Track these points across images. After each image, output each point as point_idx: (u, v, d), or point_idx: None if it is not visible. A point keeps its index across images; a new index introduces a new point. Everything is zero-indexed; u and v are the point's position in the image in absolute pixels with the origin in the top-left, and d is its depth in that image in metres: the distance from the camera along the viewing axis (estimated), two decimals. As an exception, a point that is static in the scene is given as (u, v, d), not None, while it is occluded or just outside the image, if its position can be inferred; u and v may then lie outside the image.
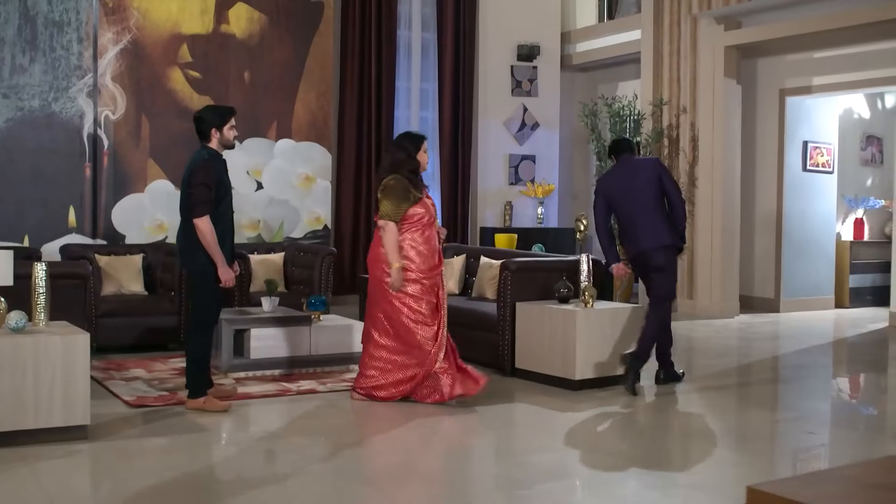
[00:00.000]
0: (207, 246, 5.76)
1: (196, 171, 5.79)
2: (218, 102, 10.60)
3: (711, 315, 10.63)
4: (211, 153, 5.87)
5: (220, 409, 5.83)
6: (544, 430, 5.65)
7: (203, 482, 4.53)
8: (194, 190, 5.75)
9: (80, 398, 5.13)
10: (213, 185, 5.78)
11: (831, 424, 6.09)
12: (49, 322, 5.36)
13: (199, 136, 5.93)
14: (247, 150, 10.80)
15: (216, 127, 5.88)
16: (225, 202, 5.92)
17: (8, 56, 9.68)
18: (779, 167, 11.19)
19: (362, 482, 4.55)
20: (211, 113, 5.98)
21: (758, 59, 11.25)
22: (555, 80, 12.63)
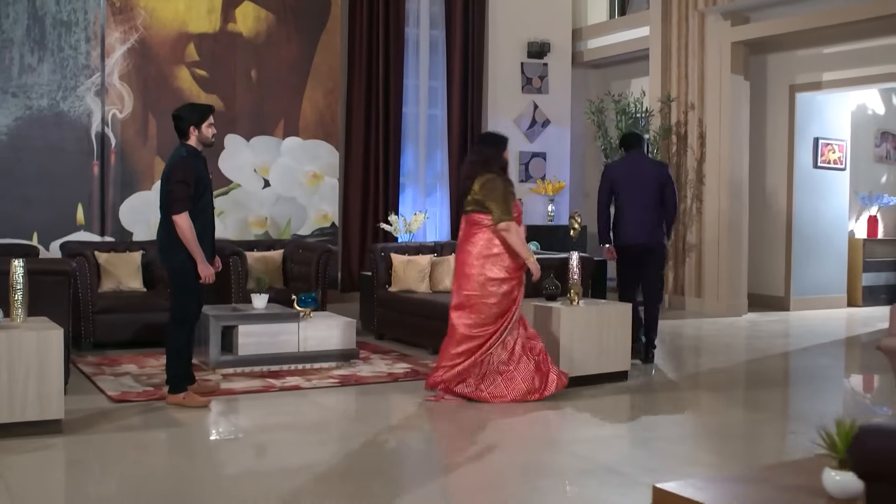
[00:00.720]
0: (187, 242, 5.82)
1: (174, 169, 5.85)
2: (225, 101, 10.74)
3: (719, 313, 10.55)
4: (190, 150, 5.93)
5: (199, 405, 5.89)
6: (500, 430, 5.63)
7: (168, 477, 4.57)
8: (173, 187, 5.81)
9: (55, 393, 5.19)
10: (192, 182, 5.83)
11: (814, 425, 6.01)
12: (28, 318, 5.43)
13: (178, 133, 6.00)
14: (254, 148, 10.88)
15: (195, 125, 5.93)
16: (204, 199, 5.97)
17: (17, 56, 9.82)
18: (789, 164, 11.07)
19: (335, 477, 4.57)
20: (189, 111, 6.05)
21: (768, 55, 11.13)
22: (566, 77, 12.58)
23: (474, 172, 6.14)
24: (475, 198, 6.10)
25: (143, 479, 4.46)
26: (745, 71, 10.59)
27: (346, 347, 7.29)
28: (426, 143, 11.97)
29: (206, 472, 4.67)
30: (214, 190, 10.53)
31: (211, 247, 6.05)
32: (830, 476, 2.63)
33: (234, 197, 10.77)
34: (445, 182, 11.95)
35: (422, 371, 7.11)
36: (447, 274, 8.46)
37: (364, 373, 7.02)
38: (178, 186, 5.80)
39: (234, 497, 4.24)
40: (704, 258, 10.80)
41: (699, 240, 10.84)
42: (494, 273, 6.10)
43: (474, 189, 6.09)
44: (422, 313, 8.00)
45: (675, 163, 11.09)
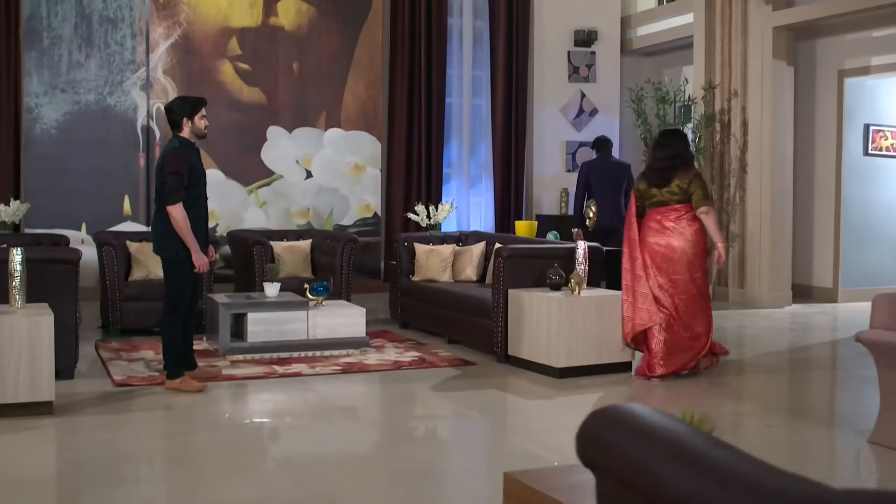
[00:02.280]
0: (180, 232, 5.95)
1: (167, 160, 5.99)
2: (268, 94, 10.97)
3: (762, 304, 10.32)
4: (182, 142, 6.07)
5: (195, 390, 6.06)
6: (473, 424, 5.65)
7: (138, 457, 4.74)
8: (166, 178, 5.93)
9: (46, 376, 5.41)
10: (185, 172, 5.95)
11: (801, 419, 5.87)
12: (27, 305, 5.67)
13: (171, 126, 6.14)
14: (296, 140, 11.08)
15: (187, 116, 6.05)
16: (197, 189, 6.08)
17: (65, 53, 10.20)
18: (837, 152, 10.75)
19: (293, 466, 4.67)
20: (181, 103, 6.16)
21: (816, 39, 10.82)
22: (614, 65, 12.45)
23: (675, 166, 6.67)
24: (681, 188, 6.59)
25: (107, 460, 4.63)
26: (787, 56, 10.31)
27: (355, 336, 7.39)
28: (470, 134, 11.99)
29: (171, 454, 4.82)
30: (258, 180, 10.89)
31: (204, 236, 6.17)
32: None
33: (276, 188, 10.99)
34: (490, 172, 11.95)
35: (428, 359, 7.18)
36: (469, 263, 8.50)
37: (370, 361, 7.11)
38: (171, 177, 5.93)
39: (180, 478, 4.37)
40: (748, 248, 10.58)
41: (742, 230, 10.62)
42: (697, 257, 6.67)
43: (680, 183, 6.60)
44: (439, 302, 8.06)
45: (718, 151, 10.88)
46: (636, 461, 1.57)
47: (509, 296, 7.02)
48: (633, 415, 1.71)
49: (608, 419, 1.73)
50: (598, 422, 1.77)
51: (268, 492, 4.20)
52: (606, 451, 1.68)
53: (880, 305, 5.08)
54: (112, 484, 4.28)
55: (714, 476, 1.40)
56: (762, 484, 1.34)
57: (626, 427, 1.67)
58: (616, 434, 1.67)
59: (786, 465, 1.44)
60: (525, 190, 12.12)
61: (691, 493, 1.40)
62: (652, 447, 1.56)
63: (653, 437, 1.59)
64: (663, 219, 6.63)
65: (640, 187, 6.79)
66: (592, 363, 6.67)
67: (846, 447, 5.08)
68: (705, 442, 1.54)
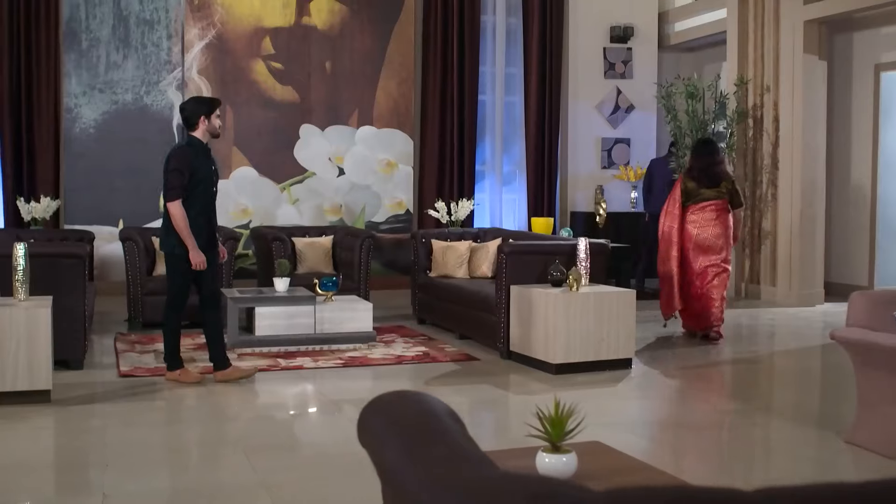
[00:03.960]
0: (178, 229, 6.07)
1: (170, 158, 6.13)
2: (300, 93, 11.15)
3: (792, 303, 10.16)
4: (192, 141, 6.15)
5: (193, 381, 6.23)
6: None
7: (119, 445, 4.91)
8: (167, 176, 6.08)
9: (43, 365, 5.63)
10: (187, 170, 6.05)
11: (786, 418, 5.80)
12: (31, 297, 5.89)
13: (186, 125, 6.22)
14: (328, 138, 11.24)
15: (204, 115, 6.13)
16: (201, 188, 6.15)
17: (103, 54, 10.52)
18: (874, 147, 10.52)
19: (254, 454, 4.80)
20: (197, 103, 6.26)
21: (853, 33, 10.61)
22: (651, 61, 12.36)
23: (724, 170, 8.23)
24: (728, 188, 8.05)
25: (85, 447, 4.82)
26: (820, 50, 10.13)
27: (362, 330, 7.50)
28: (504, 131, 12.02)
29: (147, 441, 4.98)
30: (291, 178, 11.09)
31: (210, 236, 6.26)
32: (542, 459, 2.66)
33: (308, 185, 11.17)
34: (523, 170, 11.96)
35: (432, 354, 7.26)
36: (485, 260, 8.54)
37: (374, 355, 7.21)
38: (171, 175, 6.07)
39: (144, 468, 4.53)
40: (779, 246, 10.43)
41: (774, 227, 10.47)
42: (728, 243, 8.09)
43: (730, 185, 8.09)
44: (450, 298, 8.13)
45: (751, 147, 10.74)
46: (378, 441, 1.64)
47: (511, 292, 7.06)
48: (394, 402, 1.77)
49: (376, 404, 1.80)
50: (369, 407, 1.84)
51: (230, 480, 4.33)
52: (368, 433, 1.75)
53: (857, 304, 5.01)
54: (84, 469, 4.46)
55: (423, 462, 1.45)
56: (458, 474, 1.39)
57: (382, 412, 1.73)
58: (375, 418, 1.74)
59: (754, 463, 1.49)
60: (559, 187, 12.11)
61: (397, 470, 1.47)
62: (389, 428, 1.63)
63: (394, 421, 1.65)
64: (708, 213, 8.00)
65: (689, 186, 8.08)
66: (591, 359, 6.68)
67: (819, 446, 5.02)
68: (441, 433, 1.60)
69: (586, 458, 2.78)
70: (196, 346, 7.51)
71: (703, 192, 7.99)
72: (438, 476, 1.30)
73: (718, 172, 8.05)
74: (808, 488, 1.27)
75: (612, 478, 2.64)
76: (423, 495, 1.29)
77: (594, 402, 6.00)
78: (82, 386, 6.13)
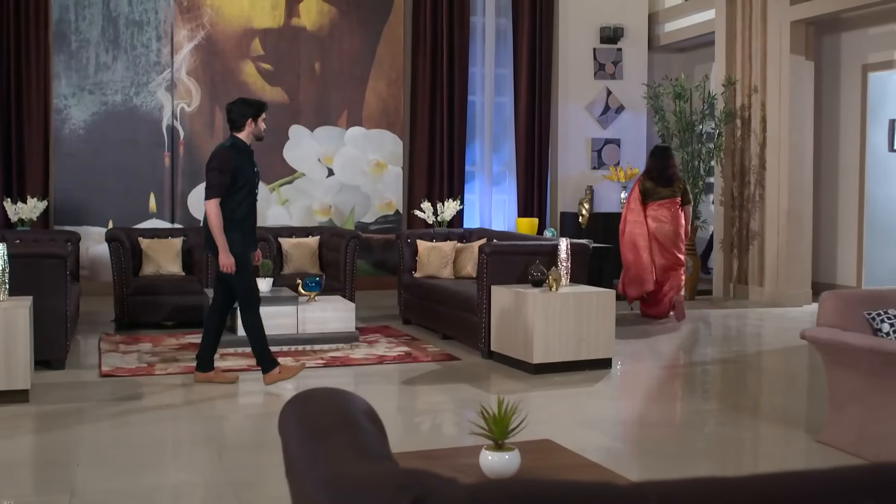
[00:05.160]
0: (212, 228, 5.97)
1: (212, 157, 6.04)
2: (290, 94, 11.17)
3: (780, 303, 10.18)
4: (235, 142, 6.08)
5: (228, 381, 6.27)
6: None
7: (91, 443, 4.94)
8: (208, 175, 5.99)
9: (21, 365, 5.66)
10: (229, 171, 5.93)
11: (759, 417, 5.83)
12: (11, 298, 5.92)
13: (231, 125, 6.14)
14: (318, 138, 11.27)
15: (252, 117, 6.09)
16: (244, 191, 6.05)
17: (93, 55, 10.55)
18: (861, 147, 10.53)
19: (230, 448, 4.83)
20: (245, 105, 6.17)
21: (841, 33, 10.63)
22: (641, 61, 12.38)
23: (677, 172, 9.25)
24: (681, 188, 9.11)
25: (58, 445, 4.84)
26: (807, 51, 10.15)
27: (345, 331, 7.53)
28: (493, 132, 12.05)
29: (119, 439, 5.01)
30: (279, 179, 11.11)
31: (250, 237, 6.19)
32: (485, 456, 2.69)
33: (298, 185, 11.20)
34: (513, 170, 11.99)
35: (414, 354, 7.29)
36: (470, 260, 8.56)
37: (356, 355, 7.24)
38: (211, 174, 5.96)
39: (107, 466, 4.56)
40: (766, 246, 10.44)
41: (761, 227, 10.49)
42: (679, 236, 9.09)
43: (682, 185, 9.16)
44: (434, 298, 8.16)
45: (738, 147, 10.76)
46: (286, 434, 1.67)
47: (492, 292, 7.09)
48: (313, 398, 1.80)
49: (297, 400, 1.83)
50: (290, 402, 1.87)
51: (199, 479, 4.36)
52: (282, 426, 1.78)
53: (828, 303, 5.03)
54: (55, 467, 4.48)
55: (313, 455, 1.48)
56: (338, 468, 1.42)
57: (298, 407, 1.76)
58: (291, 412, 1.77)
59: (720, 462, 1.51)
60: (549, 188, 12.13)
61: (294, 462, 1.49)
62: (298, 423, 1.66)
63: (305, 416, 1.68)
64: (665, 210, 9.00)
65: (648, 185, 9.12)
66: (570, 359, 6.70)
67: (789, 446, 5.04)
68: (346, 430, 1.62)
69: (533, 456, 2.81)
70: (180, 346, 7.54)
71: (660, 191, 9.03)
72: (320, 469, 1.33)
73: (672, 175, 9.10)
74: (687, 482, 1.30)
75: (552, 475, 2.66)
76: (307, 486, 1.32)
77: (570, 402, 6.03)
78: (62, 386, 6.16)
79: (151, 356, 7.15)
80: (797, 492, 1.30)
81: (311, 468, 1.37)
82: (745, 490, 1.30)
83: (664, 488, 1.25)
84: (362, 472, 1.26)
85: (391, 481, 1.15)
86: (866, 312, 4.94)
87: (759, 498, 1.26)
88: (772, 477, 1.33)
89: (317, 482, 1.29)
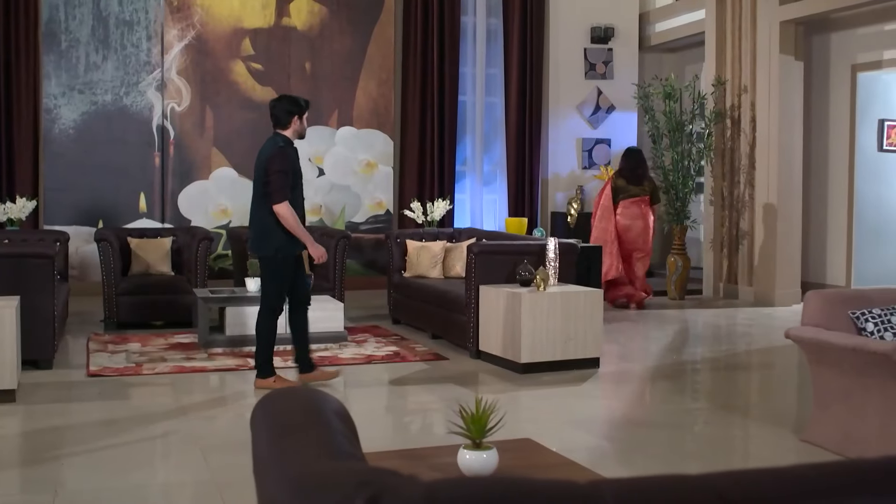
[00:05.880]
0: (292, 229, 5.92)
1: (273, 159, 5.95)
2: (279, 93, 11.10)
3: (769, 302, 10.21)
4: (285, 141, 6.04)
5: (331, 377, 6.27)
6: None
7: (75, 442, 4.94)
8: (273, 177, 5.89)
9: (8, 365, 5.66)
10: (290, 171, 5.92)
11: (744, 416, 5.85)
12: (-2, 297, 5.93)
13: (276, 122, 6.08)
14: (308, 138, 11.15)
15: (298, 115, 6.06)
16: (297, 189, 6.06)
17: (83, 55, 10.54)
18: (850, 147, 10.56)
19: (207, 450, 4.84)
20: (293, 102, 6.11)
21: (831, 33, 10.65)
22: (632, 62, 12.39)
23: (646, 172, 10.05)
24: (651, 188, 9.91)
25: (42, 444, 4.85)
26: (796, 51, 10.17)
27: (334, 330, 7.54)
28: (484, 132, 12.06)
29: (105, 439, 5.02)
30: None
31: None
32: (463, 455, 2.70)
33: (288, 185, 11.18)
34: (504, 170, 12.00)
35: (402, 354, 7.30)
36: (459, 260, 8.57)
37: (345, 355, 7.25)
38: (277, 176, 5.88)
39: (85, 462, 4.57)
40: (756, 246, 10.47)
41: (751, 227, 10.51)
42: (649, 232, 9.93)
43: (651, 185, 9.95)
44: (423, 298, 8.16)
45: (728, 147, 10.79)
46: (255, 432, 1.68)
47: (480, 292, 7.10)
48: (285, 396, 1.81)
49: (269, 398, 1.84)
50: (262, 401, 1.88)
51: (183, 478, 4.37)
52: (252, 424, 1.79)
53: (812, 303, 5.05)
54: (39, 466, 4.49)
55: (278, 453, 1.49)
56: (302, 466, 1.43)
57: (269, 406, 1.77)
58: (262, 411, 1.78)
59: (703, 461, 1.52)
60: (540, 187, 12.15)
61: (261, 460, 1.51)
62: (267, 421, 1.67)
63: (274, 415, 1.69)
64: (635, 208, 9.81)
65: (619, 183, 9.90)
66: (558, 359, 6.71)
67: (774, 445, 5.06)
68: (314, 429, 1.63)
69: (511, 455, 2.82)
70: (169, 346, 7.54)
71: (630, 189, 9.81)
72: (283, 467, 1.34)
73: (642, 174, 9.89)
74: (644, 480, 1.31)
75: (529, 474, 2.67)
76: (270, 484, 1.33)
77: (557, 401, 6.05)
78: (49, 385, 6.16)
79: (140, 356, 7.15)
80: (754, 489, 1.31)
81: (275, 466, 1.38)
82: (702, 488, 1.31)
83: (620, 486, 1.26)
84: (324, 470, 1.27)
85: (350, 479, 1.16)
86: (851, 312, 4.96)
87: (715, 495, 1.27)
88: (728, 475, 1.34)
89: (279, 480, 1.30)
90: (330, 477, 1.20)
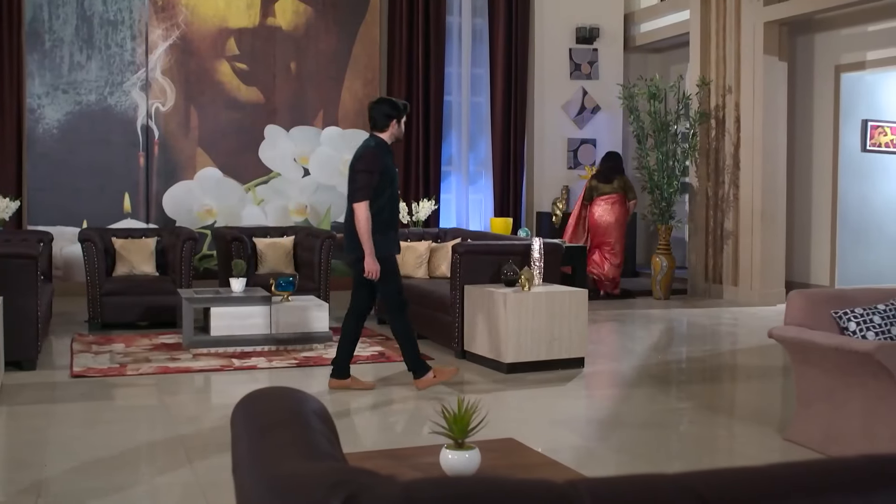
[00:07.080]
0: (360, 231, 5.81)
1: (360, 158, 5.87)
2: (265, 93, 11.15)
3: (754, 303, 10.25)
4: (379, 142, 5.92)
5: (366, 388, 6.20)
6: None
7: (58, 444, 4.92)
8: (356, 176, 5.83)
9: (-10, 366, 5.65)
10: (377, 172, 5.81)
11: (729, 416, 5.87)
12: (-20, 297, 5.90)
13: (373, 125, 5.96)
14: (294, 138, 11.26)
15: (396, 119, 5.95)
16: (388, 192, 5.93)
17: (67, 54, 10.50)
18: (834, 148, 10.61)
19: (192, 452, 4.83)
20: (392, 106, 5.99)
21: (815, 34, 10.70)
22: (617, 62, 12.42)
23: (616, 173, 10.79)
24: (623, 186, 10.71)
25: (23, 445, 4.83)
26: (780, 52, 10.22)
27: (318, 331, 7.53)
28: (469, 131, 12.06)
29: (87, 441, 5.00)
30: (256, 178, 11.11)
31: (396, 238, 6.13)
32: (445, 455, 2.70)
33: (274, 185, 11.18)
34: (489, 170, 12.01)
35: (387, 354, 7.30)
36: (444, 260, 8.57)
37: (330, 355, 7.21)
38: (360, 175, 5.81)
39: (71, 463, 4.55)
40: (740, 246, 10.51)
41: (735, 227, 10.55)
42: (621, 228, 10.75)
43: (623, 182, 10.74)
44: (409, 298, 8.13)
45: (713, 147, 10.83)
46: (235, 432, 1.68)
47: (465, 292, 7.10)
48: (265, 396, 1.81)
49: (249, 398, 1.84)
50: (242, 400, 1.88)
51: (167, 480, 4.35)
52: (232, 424, 1.79)
53: (795, 302, 5.07)
54: (22, 468, 4.47)
55: (257, 453, 1.49)
56: (279, 466, 1.43)
57: (250, 406, 1.77)
58: (242, 410, 1.78)
59: (686, 460, 1.52)
60: (525, 188, 12.17)
61: (239, 460, 1.50)
62: (247, 421, 1.66)
63: (254, 415, 1.69)
64: (606, 204, 10.67)
65: (593, 183, 10.82)
66: (543, 359, 6.72)
67: (757, 444, 5.08)
68: (293, 429, 1.63)
69: (494, 454, 2.82)
70: (153, 346, 7.52)
71: (601, 188, 10.73)
72: (261, 466, 1.34)
73: (612, 175, 10.73)
74: (621, 479, 1.31)
75: (510, 474, 2.67)
76: (247, 484, 1.33)
77: (542, 401, 6.05)
78: (33, 386, 6.13)
79: (124, 357, 7.12)
80: (732, 488, 1.31)
81: (253, 466, 1.38)
82: (680, 487, 1.31)
83: (598, 485, 1.26)
84: (301, 470, 1.27)
85: (327, 479, 1.16)
86: (833, 311, 4.99)
87: (694, 495, 1.28)
88: (707, 474, 1.34)
89: (257, 479, 1.30)
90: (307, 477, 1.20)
